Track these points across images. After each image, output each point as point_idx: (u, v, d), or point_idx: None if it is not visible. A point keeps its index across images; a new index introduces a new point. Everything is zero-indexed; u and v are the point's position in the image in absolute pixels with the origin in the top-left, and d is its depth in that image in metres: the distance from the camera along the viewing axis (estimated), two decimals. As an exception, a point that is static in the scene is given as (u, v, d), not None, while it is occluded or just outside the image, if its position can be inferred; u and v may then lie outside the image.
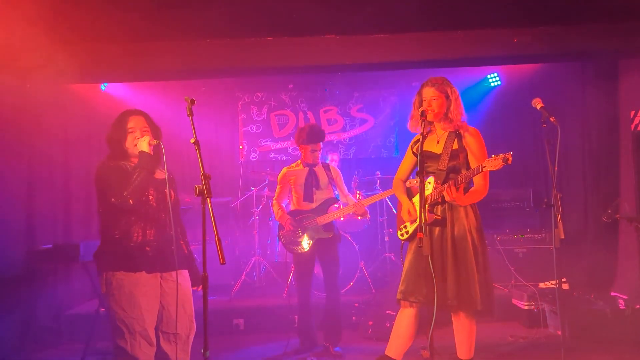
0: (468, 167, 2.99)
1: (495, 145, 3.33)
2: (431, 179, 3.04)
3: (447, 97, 3.04)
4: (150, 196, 2.74)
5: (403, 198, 3.25)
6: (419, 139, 3.19)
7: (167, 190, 2.76)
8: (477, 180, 2.96)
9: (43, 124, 4.91)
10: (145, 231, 2.71)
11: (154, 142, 2.75)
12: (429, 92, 3.04)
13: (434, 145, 3.11)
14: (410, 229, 3.15)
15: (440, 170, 3.02)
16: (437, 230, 3.02)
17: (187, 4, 3.90)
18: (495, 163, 2.65)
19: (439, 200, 3.01)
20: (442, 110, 3.04)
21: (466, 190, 2.99)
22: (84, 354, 3.99)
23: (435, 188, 3.01)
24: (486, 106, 6.61)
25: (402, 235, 3.22)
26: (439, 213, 3.02)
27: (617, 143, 5.14)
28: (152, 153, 2.73)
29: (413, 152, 3.24)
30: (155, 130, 2.86)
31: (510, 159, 2.58)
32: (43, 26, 3.86)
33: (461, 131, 3.05)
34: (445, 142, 3.05)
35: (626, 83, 5.07)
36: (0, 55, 3.98)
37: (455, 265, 2.95)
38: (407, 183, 3.36)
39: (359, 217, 4.15)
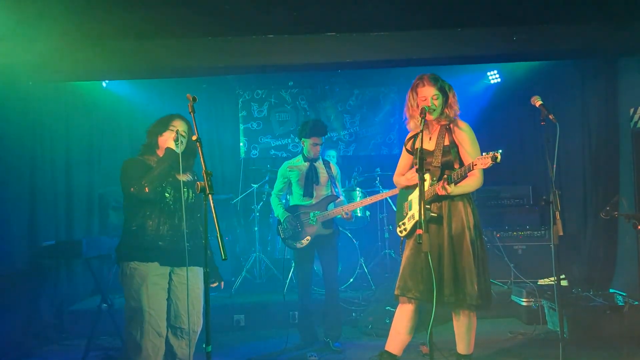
0: (461, 162, 3.01)
1: (494, 143, 3.36)
2: (427, 175, 3.05)
3: (445, 93, 3.06)
4: (167, 193, 2.88)
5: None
6: (412, 136, 3.22)
7: (185, 189, 2.95)
8: (471, 173, 2.97)
9: (45, 121, 4.93)
10: (159, 226, 2.86)
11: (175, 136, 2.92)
12: (429, 91, 3.03)
13: (427, 141, 3.11)
14: (409, 225, 3.17)
15: (435, 167, 3.03)
16: (433, 227, 3.03)
17: (187, 1, 3.91)
18: (485, 161, 2.66)
19: (435, 194, 3.02)
20: (446, 108, 3.06)
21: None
22: (87, 350, 4.02)
23: (430, 185, 3.03)
24: (486, 103, 6.62)
25: (400, 232, 3.25)
26: (435, 210, 3.04)
27: (617, 140, 5.14)
28: (176, 151, 2.87)
29: (407, 150, 3.25)
30: (190, 139, 2.98)
31: (499, 157, 2.59)
32: (44, 24, 3.88)
33: (451, 125, 3.06)
34: (437, 138, 3.07)
35: (626, 80, 5.07)
36: (2, 53, 3.99)
37: (453, 262, 2.97)
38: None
39: (344, 218, 4.18)
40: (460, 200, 3.03)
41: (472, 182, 3.00)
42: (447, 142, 3.03)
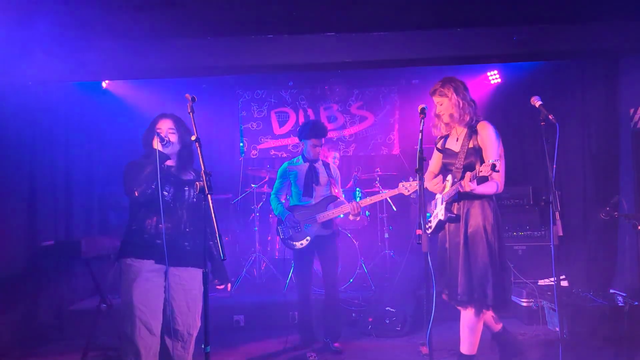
0: (482, 164, 3.04)
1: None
2: (449, 176, 3.13)
3: (449, 96, 3.12)
4: (165, 192, 2.87)
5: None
6: (443, 136, 3.30)
7: (186, 189, 2.96)
8: (491, 178, 3.00)
9: (45, 121, 4.92)
10: (158, 225, 2.86)
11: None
12: (435, 100, 3.20)
13: (454, 143, 3.19)
14: (433, 223, 3.23)
15: (457, 168, 3.08)
16: (452, 226, 3.11)
17: (188, 1, 3.91)
18: (485, 169, 2.74)
19: (455, 194, 3.05)
20: (453, 111, 3.12)
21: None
22: (86, 350, 4.02)
23: (452, 185, 3.07)
24: (486, 103, 6.61)
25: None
26: (455, 211, 3.10)
27: (617, 141, 5.15)
28: (163, 150, 2.87)
29: (437, 149, 3.33)
30: (183, 134, 2.98)
31: (497, 165, 2.68)
32: (45, 24, 3.87)
33: (477, 127, 3.10)
34: (463, 140, 3.13)
35: (626, 81, 5.07)
36: (2, 53, 3.99)
37: (467, 261, 3.00)
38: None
39: (351, 218, 4.15)
40: (479, 200, 3.07)
41: (490, 187, 3.03)
42: (471, 145, 3.08)
